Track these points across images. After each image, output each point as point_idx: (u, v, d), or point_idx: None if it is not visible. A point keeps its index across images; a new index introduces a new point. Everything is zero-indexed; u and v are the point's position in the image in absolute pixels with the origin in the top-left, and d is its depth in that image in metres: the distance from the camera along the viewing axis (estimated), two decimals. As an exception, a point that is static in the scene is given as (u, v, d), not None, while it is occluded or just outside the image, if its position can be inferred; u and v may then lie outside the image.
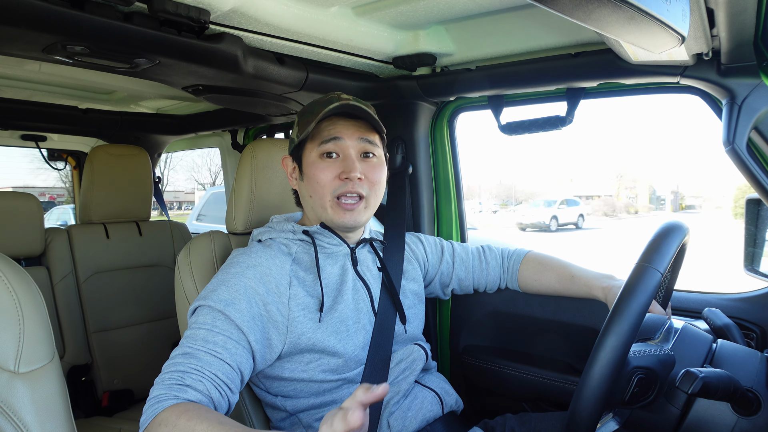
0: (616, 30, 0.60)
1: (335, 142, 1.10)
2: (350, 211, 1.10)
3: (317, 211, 1.13)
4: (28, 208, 1.92)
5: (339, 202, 1.09)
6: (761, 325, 1.22)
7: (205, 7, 1.03)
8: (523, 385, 1.45)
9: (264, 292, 1.03)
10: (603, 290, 1.21)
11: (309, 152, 1.12)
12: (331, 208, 1.10)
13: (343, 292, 1.12)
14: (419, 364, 1.19)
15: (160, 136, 2.59)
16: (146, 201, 2.29)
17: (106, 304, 2.10)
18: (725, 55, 1.02)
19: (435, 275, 1.40)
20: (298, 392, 1.07)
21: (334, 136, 1.10)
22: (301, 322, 1.05)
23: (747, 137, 1.03)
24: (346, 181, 1.09)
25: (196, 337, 0.94)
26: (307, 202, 1.16)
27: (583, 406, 0.80)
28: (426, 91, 1.54)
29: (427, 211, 1.70)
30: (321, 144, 1.10)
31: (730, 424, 0.85)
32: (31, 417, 0.75)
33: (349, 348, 1.08)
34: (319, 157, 1.10)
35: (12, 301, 0.78)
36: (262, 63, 1.29)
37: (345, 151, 1.10)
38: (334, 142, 1.10)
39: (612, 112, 64.06)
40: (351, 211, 1.10)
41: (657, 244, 0.88)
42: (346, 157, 1.10)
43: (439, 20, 1.28)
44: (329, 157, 1.10)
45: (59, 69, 1.58)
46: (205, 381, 0.88)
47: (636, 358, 0.86)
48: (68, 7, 0.93)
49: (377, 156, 1.15)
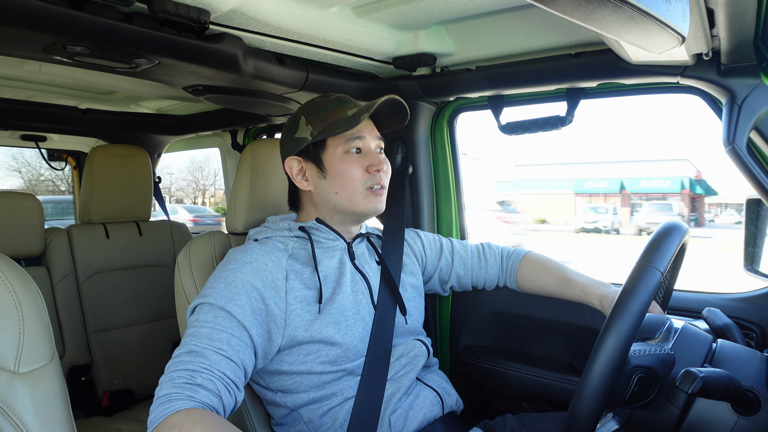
0: (616, 30, 0.60)
1: (360, 140, 1.15)
2: (380, 196, 1.17)
3: (342, 205, 1.15)
4: (28, 208, 1.92)
5: (372, 191, 1.15)
6: (761, 325, 1.22)
7: (205, 8, 1.03)
8: (523, 385, 1.45)
9: (261, 287, 1.03)
10: (599, 297, 1.21)
11: (333, 149, 1.15)
12: (365, 198, 1.15)
13: (341, 284, 1.13)
14: (421, 360, 1.19)
15: (160, 136, 2.59)
16: (146, 201, 2.28)
17: (106, 304, 2.10)
18: (725, 55, 1.02)
19: (434, 271, 1.40)
20: (297, 386, 1.08)
21: (359, 135, 1.15)
22: (299, 315, 1.06)
23: (747, 137, 1.03)
24: (375, 173, 1.15)
25: (200, 335, 0.94)
26: (327, 199, 1.16)
27: (583, 405, 0.80)
28: (426, 91, 1.54)
29: (427, 211, 1.70)
30: (348, 141, 1.14)
31: (730, 424, 0.85)
32: (31, 417, 0.75)
33: (348, 338, 1.09)
34: (345, 153, 1.14)
35: (12, 301, 0.78)
36: (262, 63, 1.29)
37: (367, 146, 1.17)
38: (359, 140, 1.15)
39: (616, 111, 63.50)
40: (381, 196, 1.17)
41: (657, 244, 0.88)
42: (369, 151, 1.17)
43: (439, 20, 1.28)
44: (354, 152, 1.15)
45: (59, 69, 1.58)
46: (215, 380, 0.88)
47: (636, 357, 0.86)
48: (68, 8, 0.93)
49: (383, 151, 1.23)
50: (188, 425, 0.78)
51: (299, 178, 1.18)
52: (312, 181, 1.17)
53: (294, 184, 1.20)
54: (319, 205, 1.18)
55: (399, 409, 1.11)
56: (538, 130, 1.45)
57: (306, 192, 1.19)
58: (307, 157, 1.17)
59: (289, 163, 1.18)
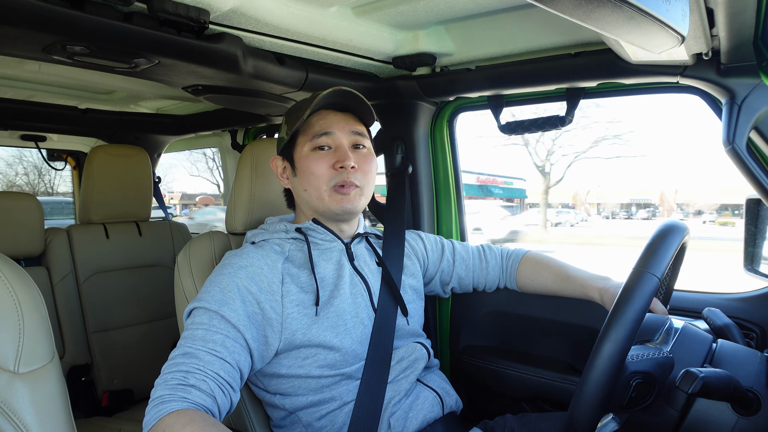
0: (615, 30, 0.60)
1: (327, 136, 1.12)
2: (347, 195, 1.11)
3: (313, 204, 1.14)
4: (28, 208, 1.92)
5: (337, 189, 1.11)
6: (761, 325, 1.22)
7: (205, 7, 1.03)
8: (523, 385, 1.45)
9: (257, 291, 1.03)
10: (599, 291, 1.21)
11: (301, 147, 1.14)
12: (329, 197, 1.12)
13: (339, 287, 1.12)
14: (421, 363, 1.18)
15: (159, 136, 2.59)
16: (146, 201, 2.28)
17: (106, 304, 2.10)
18: (725, 54, 1.02)
19: (435, 273, 1.40)
20: (296, 389, 1.07)
21: (325, 131, 1.12)
22: (295, 319, 1.05)
23: (747, 137, 1.03)
24: (341, 170, 1.10)
25: (194, 337, 0.94)
26: (301, 197, 1.16)
27: (581, 413, 0.80)
28: (426, 91, 1.54)
29: (427, 211, 1.70)
30: (313, 138, 1.12)
31: (730, 424, 0.85)
32: (31, 417, 0.75)
33: (347, 342, 1.08)
34: (312, 150, 1.13)
35: (12, 301, 0.78)
36: (261, 63, 1.29)
37: (337, 143, 1.13)
38: (326, 136, 1.12)
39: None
40: (347, 195, 1.11)
41: (654, 248, 0.88)
42: (339, 147, 1.13)
43: (439, 20, 1.28)
44: (321, 149, 1.12)
45: (59, 69, 1.58)
46: (208, 381, 0.88)
47: (634, 362, 0.86)
48: (68, 7, 0.93)
49: (367, 147, 1.18)
50: (179, 427, 0.78)
51: (283, 177, 1.21)
52: (290, 180, 1.19)
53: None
54: (299, 202, 1.20)
55: (399, 410, 1.11)
56: (538, 129, 1.46)
57: (291, 190, 1.22)
58: (285, 156, 1.19)
59: (275, 162, 1.22)
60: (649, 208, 24.27)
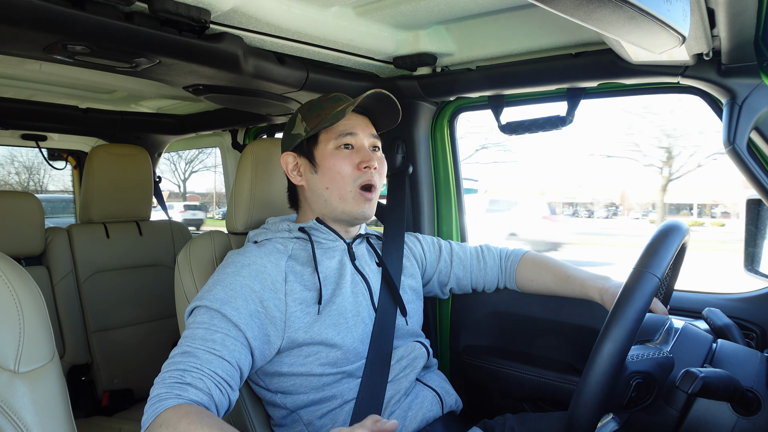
0: (616, 30, 0.60)
1: (352, 136, 1.15)
2: (369, 201, 1.15)
3: (332, 202, 1.15)
4: (28, 208, 1.92)
5: (362, 192, 1.14)
6: (761, 325, 1.22)
7: (206, 7, 1.03)
8: (523, 385, 1.45)
9: (260, 289, 1.03)
10: (599, 291, 1.21)
11: (324, 144, 1.15)
12: (353, 198, 1.14)
13: (341, 285, 1.13)
14: (420, 362, 1.19)
15: (160, 135, 2.59)
16: (146, 201, 2.28)
17: (106, 304, 2.10)
18: (726, 55, 1.02)
19: (433, 274, 1.40)
20: (297, 387, 1.08)
21: (350, 131, 1.15)
22: (298, 317, 1.06)
23: (747, 137, 1.03)
24: (366, 170, 1.13)
25: (194, 336, 0.95)
26: (319, 194, 1.16)
27: (581, 412, 0.80)
28: (426, 91, 1.54)
29: (427, 211, 1.70)
30: (339, 137, 1.14)
31: (730, 424, 0.85)
32: (31, 417, 0.75)
33: (348, 340, 1.08)
34: (336, 148, 1.14)
35: (12, 300, 0.78)
36: (262, 63, 1.29)
37: (359, 143, 1.16)
38: (351, 135, 1.15)
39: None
40: (371, 201, 1.15)
41: (655, 248, 0.88)
42: (361, 148, 1.16)
43: (440, 20, 1.28)
44: (346, 148, 1.15)
45: (60, 68, 1.58)
46: (205, 379, 0.88)
47: (634, 362, 0.86)
48: (69, 7, 0.93)
49: (381, 151, 1.22)
50: (174, 421, 0.79)
51: (294, 174, 1.20)
52: (305, 176, 1.18)
53: (290, 181, 1.21)
54: (311, 201, 1.19)
55: (398, 409, 1.11)
56: (539, 130, 1.45)
57: (300, 188, 1.21)
58: (301, 153, 1.18)
59: (285, 159, 1.20)
60: (611, 208, 24.37)
